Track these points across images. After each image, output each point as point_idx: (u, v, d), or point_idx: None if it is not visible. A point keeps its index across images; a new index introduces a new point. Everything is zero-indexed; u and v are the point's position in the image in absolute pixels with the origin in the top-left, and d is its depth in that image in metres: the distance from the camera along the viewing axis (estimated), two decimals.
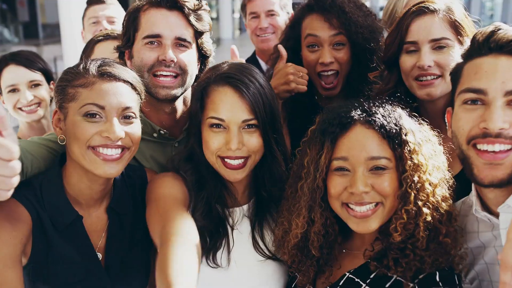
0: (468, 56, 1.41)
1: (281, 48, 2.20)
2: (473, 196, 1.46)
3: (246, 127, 1.63)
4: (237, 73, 1.65)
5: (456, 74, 1.43)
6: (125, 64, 1.82)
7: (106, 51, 2.26)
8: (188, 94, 2.04)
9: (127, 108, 1.57)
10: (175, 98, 1.94)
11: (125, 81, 1.60)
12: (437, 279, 1.37)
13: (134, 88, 1.62)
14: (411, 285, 1.37)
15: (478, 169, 1.33)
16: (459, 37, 1.83)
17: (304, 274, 1.59)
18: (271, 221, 1.75)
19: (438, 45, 1.82)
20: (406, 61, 1.87)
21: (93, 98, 1.53)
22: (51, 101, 2.69)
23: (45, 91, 2.65)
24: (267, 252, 1.70)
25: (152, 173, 1.83)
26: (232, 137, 1.60)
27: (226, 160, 1.64)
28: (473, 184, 1.46)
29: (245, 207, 1.76)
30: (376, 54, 2.10)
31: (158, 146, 1.97)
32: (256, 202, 1.77)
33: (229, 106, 1.62)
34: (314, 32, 2.15)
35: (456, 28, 1.83)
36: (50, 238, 1.55)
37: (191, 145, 1.72)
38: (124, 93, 1.58)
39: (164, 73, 1.88)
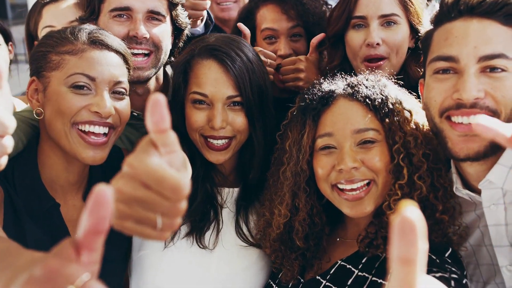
0: (438, 21, 1.36)
1: (242, 26, 2.09)
2: (452, 174, 1.42)
3: (231, 104, 1.58)
4: (223, 46, 1.59)
5: (426, 42, 1.39)
6: None
7: (57, 15, 2.10)
8: (161, 71, 1.89)
9: (119, 82, 1.48)
10: (148, 79, 1.78)
11: (117, 52, 1.50)
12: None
13: (125, 60, 1.53)
14: None
15: (453, 142, 1.29)
16: (407, 14, 1.83)
17: (288, 269, 1.54)
18: (259, 208, 1.70)
19: (386, 21, 1.82)
20: (354, 37, 1.86)
21: (83, 67, 1.42)
22: (10, 62, 2.45)
23: (4, 52, 2.42)
24: (250, 239, 1.66)
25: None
26: (215, 114, 1.55)
27: (209, 140, 1.59)
28: (452, 161, 1.42)
29: (236, 190, 1.72)
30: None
31: (131, 128, 1.86)
32: (244, 187, 1.73)
33: (213, 81, 1.56)
34: (272, 26, 2.11)
35: (404, 4, 1.83)
36: (23, 225, 1.44)
37: (173, 122, 1.59)
38: (116, 65, 1.48)
39: (136, 51, 1.79)
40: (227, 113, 1.57)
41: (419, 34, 1.76)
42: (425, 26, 1.46)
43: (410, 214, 0.48)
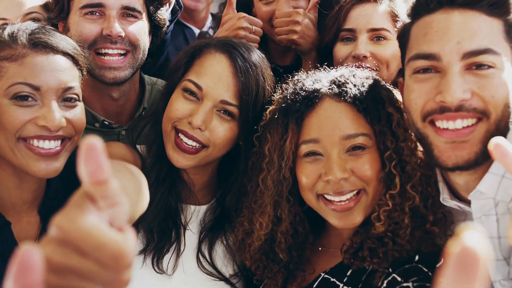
0: (415, 14, 1.24)
1: None
2: (439, 182, 1.32)
3: (222, 111, 1.44)
4: (244, 49, 1.47)
5: (404, 37, 1.28)
6: None
7: (11, 6, 1.97)
8: (137, 73, 1.77)
9: (69, 88, 1.32)
10: (125, 80, 1.65)
11: (64, 53, 1.34)
12: (415, 259, 1.24)
13: (75, 62, 1.38)
14: (386, 270, 1.24)
15: (439, 150, 1.18)
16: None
17: (271, 282, 1.44)
18: (229, 233, 1.56)
19: (376, 35, 1.77)
20: (340, 50, 1.80)
21: (25, 75, 1.27)
22: None
23: None
24: (212, 270, 1.50)
25: None
26: (200, 111, 1.41)
27: (179, 136, 1.44)
28: (436, 168, 1.31)
29: (203, 208, 1.58)
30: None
31: (100, 135, 1.69)
32: (215, 206, 1.58)
33: (214, 77, 1.43)
34: None
35: (396, 20, 1.76)
36: None
37: (157, 109, 1.54)
38: (64, 69, 1.32)
39: (110, 51, 1.65)
40: (213, 116, 1.42)
41: None
42: (402, 19, 1.35)
43: (475, 244, 0.39)
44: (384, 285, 1.21)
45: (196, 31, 2.71)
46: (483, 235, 0.39)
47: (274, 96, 1.46)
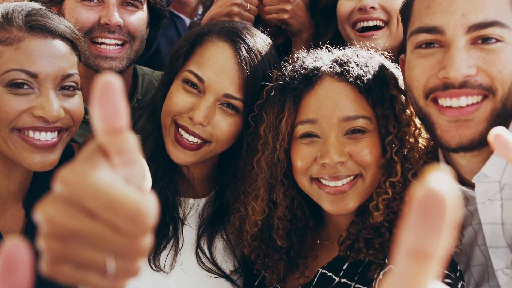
0: None
1: None
2: (441, 165, 1.27)
3: (225, 104, 1.36)
4: (249, 36, 1.38)
5: (406, 11, 1.23)
6: None
7: None
8: (131, 66, 1.72)
9: (68, 76, 1.24)
10: (121, 72, 1.60)
11: (63, 38, 1.26)
12: None
13: (74, 47, 1.29)
14: (382, 261, 1.19)
15: (442, 129, 1.13)
16: None
17: (272, 271, 1.37)
18: (228, 227, 1.49)
19: None
20: (344, 4, 1.68)
21: (21, 61, 1.18)
22: None
23: None
24: (213, 267, 1.44)
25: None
26: (201, 106, 1.33)
27: (180, 131, 1.37)
28: (439, 150, 1.27)
29: (202, 201, 1.51)
30: None
31: (92, 127, 1.64)
32: (214, 199, 1.51)
33: (217, 68, 1.34)
34: None
35: None
36: None
37: (154, 100, 1.48)
38: (63, 55, 1.24)
39: (107, 40, 1.58)
40: (215, 111, 1.35)
41: None
42: None
43: (440, 188, 0.34)
44: (381, 276, 1.16)
45: (188, 21, 2.67)
46: (451, 178, 0.34)
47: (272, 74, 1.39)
